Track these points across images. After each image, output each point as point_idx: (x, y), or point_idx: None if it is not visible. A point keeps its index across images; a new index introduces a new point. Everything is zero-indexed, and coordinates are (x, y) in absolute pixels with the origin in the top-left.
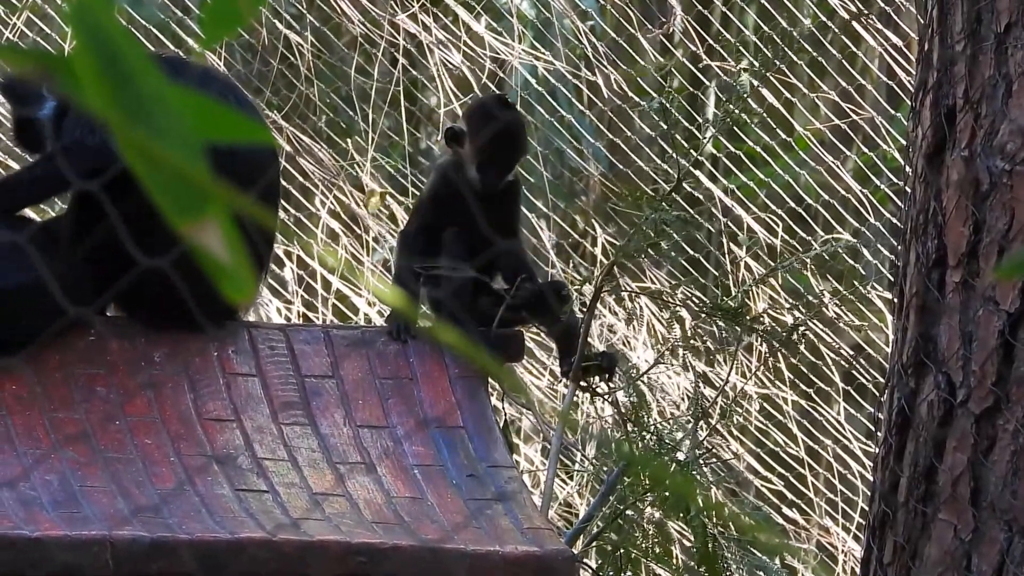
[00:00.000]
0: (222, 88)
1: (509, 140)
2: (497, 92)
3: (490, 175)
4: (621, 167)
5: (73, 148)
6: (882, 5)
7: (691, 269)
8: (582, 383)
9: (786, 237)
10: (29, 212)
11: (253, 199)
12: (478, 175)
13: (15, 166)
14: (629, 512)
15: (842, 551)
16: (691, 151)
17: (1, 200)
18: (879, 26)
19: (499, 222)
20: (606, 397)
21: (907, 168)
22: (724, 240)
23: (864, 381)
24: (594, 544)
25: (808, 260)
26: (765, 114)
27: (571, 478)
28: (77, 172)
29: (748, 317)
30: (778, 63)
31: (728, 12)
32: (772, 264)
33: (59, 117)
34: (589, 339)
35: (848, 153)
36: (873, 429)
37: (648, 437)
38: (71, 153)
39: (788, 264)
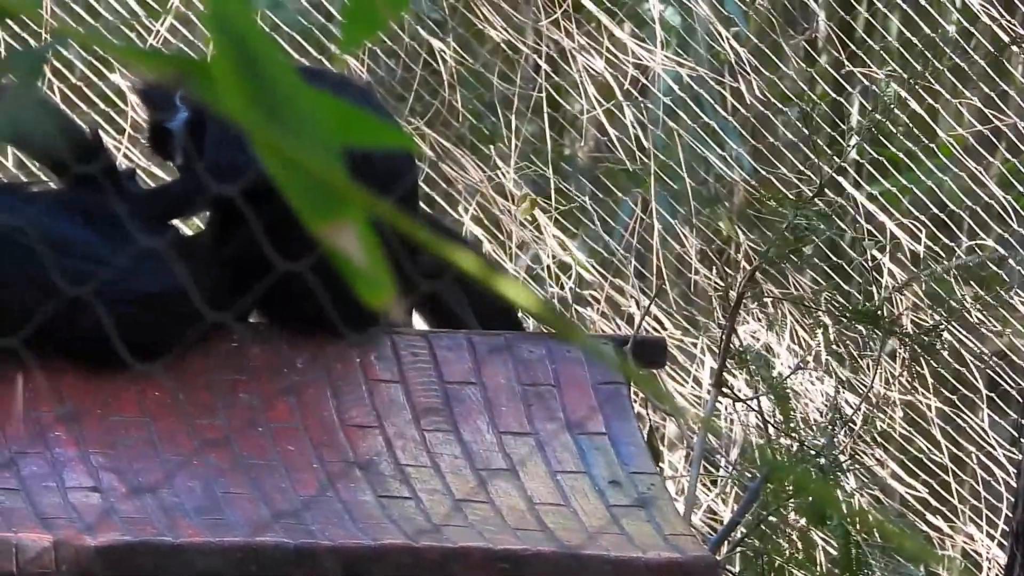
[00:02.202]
0: (357, 94)
1: None
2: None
3: None
4: (764, 173)
5: (218, 166)
6: None
7: (834, 275)
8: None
9: (929, 243)
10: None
11: (391, 203)
12: None
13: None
14: (772, 518)
15: (986, 558)
16: (834, 157)
17: (151, 210)
18: (1023, 32)
19: None
20: (749, 404)
21: None
22: (867, 246)
23: (1008, 387)
24: (737, 550)
25: (954, 270)
26: (908, 120)
27: (714, 484)
28: (222, 183)
29: (889, 322)
30: (922, 70)
31: (871, 18)
32: (915, 270)
33: (191, 128)
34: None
35: (992, 159)
36: (1017, 436)
37: (792, 443)
38: (216, 171)
39: (931, 272)
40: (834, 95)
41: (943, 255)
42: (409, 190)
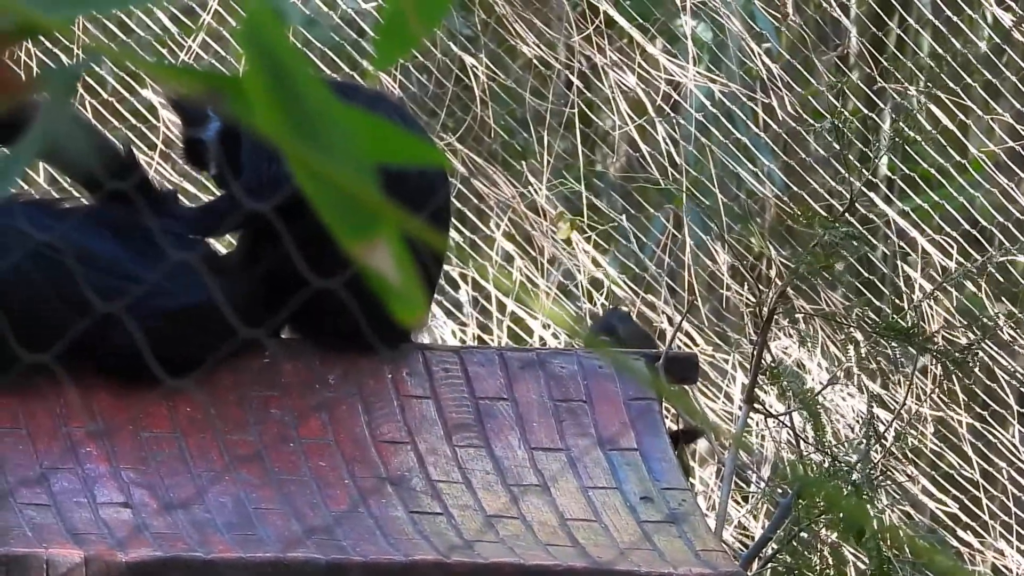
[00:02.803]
0: (390, 110)
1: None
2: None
3: None
4: (796, 189)
5: (254, 180)
6: None
7: (865, 291)
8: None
9: (960, 259)
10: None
11: (423, 220)
12: None
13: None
14: (804, 534)
15: (1017, 573)
16: (865, 172)
17: (196, 230)
18: None
19: None
20: (780, 419)
21: None
22: (898, 262)
23: None
24: (768, 566)
25: (981, 279)
26: (939, 136)
27: (746, 500)
28: (256, 200)
29: (921, 337)
30: (953, 86)
31: (903, 34)
32: (945, 285)
33: (224, 139)
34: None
35: (1023, 175)
36: None
37: (823, 459)
38: (252, 186)
39: (957, 276)
40: (865, 111)
41: (974, 271)
42: (442, 207)
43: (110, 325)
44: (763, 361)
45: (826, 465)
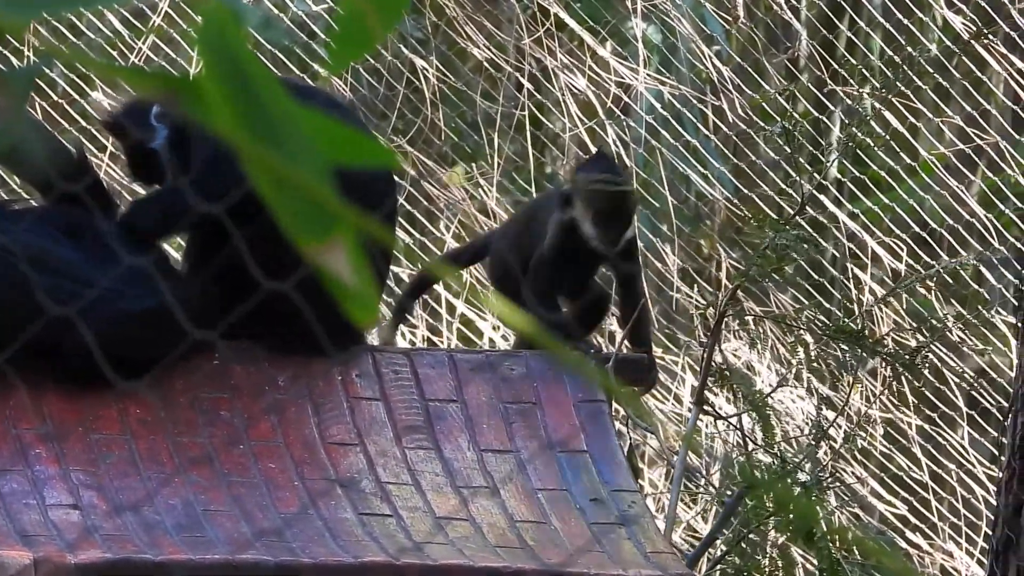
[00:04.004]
0: (344, 114)
1: (620, 203)
2: (599, 151)
3: (609, 235)
4: (746, 191)
5: (206, 183)
6: (1007, 30)
7: (816, 294)
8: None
9: (910, 262)
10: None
11: (375, 220)
12: (597, 236)
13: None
14: (752, 535)
15: (966, 575)
16: (815, 175)
17: (139, 223)
18: (1004, 51)
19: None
20: (729, 421)
21: None
22: (848, 265)
23: (988, 405)
24: (717, 567)
25: (931, 281)
26: (889, 139)
27: (695, 502)
28: (208, 201)
29: (871, 340)
30: (903, 88)
31: (853, 37)
32: (895, 287)
33: (175, 145)
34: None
35: (973, 178)
36: (997, 453)
37: (772, 461)
38: (204, 189)
39: (910, 283)
40: (816, 113)
41: (926, 277)
42: (391, 208)
43: (64, 328)
44: (713, 363)
45: (775, 466)
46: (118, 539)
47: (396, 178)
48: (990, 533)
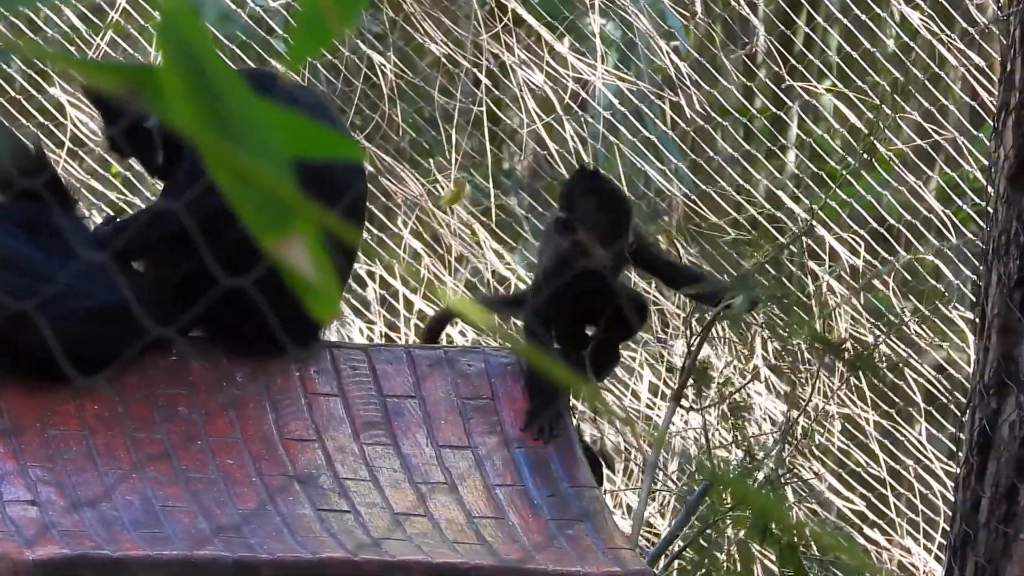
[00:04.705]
0: (310, 105)
1: (621, 211)
2: (584, 168)
3: (608, 253)
4: (704, 187)
5: (198, 176)
6: (965, 26)
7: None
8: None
9: (868, 257)
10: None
11: (337, 215)
12: (606, 253)
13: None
14: (711, 532)
15: (923, 571)
16: (774, 171)
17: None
18: (962, 47)
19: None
20: (705, 415)
21: (989, 188)
22: (806, 260)
23: (946, 401)
24: (676, 564)
25: (888, 277)
26: (847, 134)
27: (653, 498)
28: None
29: (831, 344)
30: (861, 83)
31: (811, 33)
32: (855, 285)
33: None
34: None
35: (930, 173)
36: (955, 449)
37: (734, 457)
38: (196, 181)
39: (870, 278)
40: (774, 109)
41: (882, 269)
42: (357, 201)
43: (21, 325)
44: (679, 361)
45: (738, 462)
46: (76, 535)
47: (364, 170)
48: (948, 529)
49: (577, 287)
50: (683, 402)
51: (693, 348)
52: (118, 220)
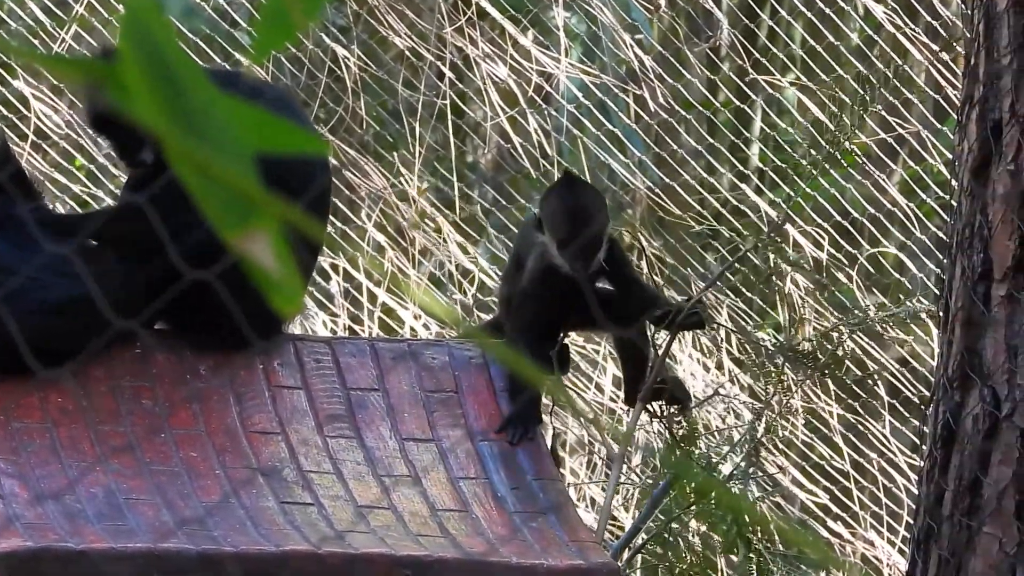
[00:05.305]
0: (274, 100)
1: (582, 224)
2: (568, 173)
3: (576, 261)
4: (668, 181)
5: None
6: (929, 19)
7: (737, 283)
8: (650, 406)
9: (832, 251)
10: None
11: (302, 209)
12: (566, 263)
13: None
14: (674, 525)
15: (887, 564)
16: (737, 164)
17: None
18: (926, 40)
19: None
20: (664, 420)
21: (953, 182)
22: (770, 254)
23: (910, 395)
24: (639, 557)
25: (853, 273)
26: (811, 127)
27: (617, 491)
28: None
29: (798, 350)
30: (825, 77)
31: (775, 26)
32: (818, 277)
33: None
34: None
35: (894, 167)
36: (918, 443)
37: (698, 452)
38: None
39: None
40: (738, 102)
41: (846, 262)
42: (321, 194)
43: None
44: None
45: (699, 457)
46: (39, 528)
47: (328, 165)
48: (912, 522)
49: (559, 292)
50: (663, 409)
51: (664, 347)
52: (83, 214)
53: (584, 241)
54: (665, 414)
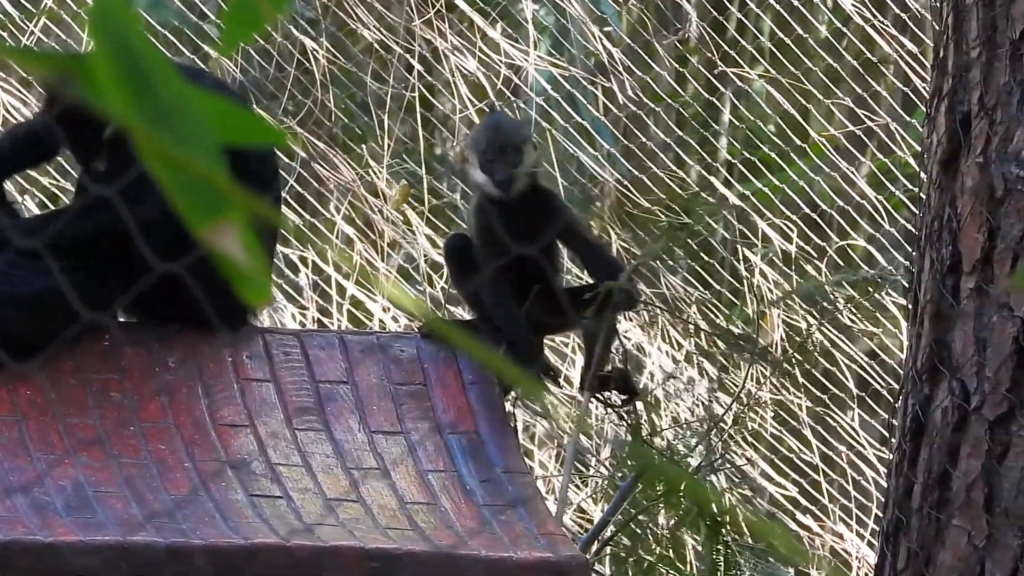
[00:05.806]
0: (231, 96)
1: (498, 130)
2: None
3: (498, 172)
4: (637, 173)
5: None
6: (898, 12)
7: (706, 275)
8: (597, 395)
9: (801, 243)
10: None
11: (262, 197)
12: (488, 179)
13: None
14: (643, 518)
15: (856, 557)
16: (705, 156)
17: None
18: (894, 32)
19: (547, 243)
20: (618, 409)
21: (922, 174)
22: (739, 246)
23: (879, 387)
24: (607, 550)
25: (822, 265)
26: (780, 120)
27: (585, 484)
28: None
29: (763, 345)
30: (794, 69)
31: (744, 19)
32: (787, 270)
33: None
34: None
35: (863, 159)
36: (887, 435)
37: (662, 444)
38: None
39: (805, 284)
40: (707, 95)
41: (815, 255)
42: (277, 190)
43: None
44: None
45: (664, 450)
46: (8, 520)
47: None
48: (880, 515)
49: (501, 222)
50: (609, 398)
51: (596, 353)
52: (50, 212)
53: (501, 149)
54: (613, 404)
